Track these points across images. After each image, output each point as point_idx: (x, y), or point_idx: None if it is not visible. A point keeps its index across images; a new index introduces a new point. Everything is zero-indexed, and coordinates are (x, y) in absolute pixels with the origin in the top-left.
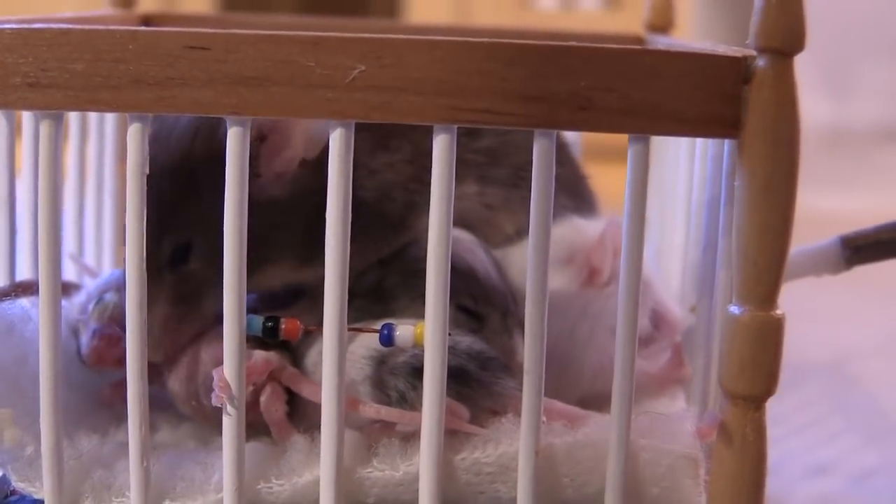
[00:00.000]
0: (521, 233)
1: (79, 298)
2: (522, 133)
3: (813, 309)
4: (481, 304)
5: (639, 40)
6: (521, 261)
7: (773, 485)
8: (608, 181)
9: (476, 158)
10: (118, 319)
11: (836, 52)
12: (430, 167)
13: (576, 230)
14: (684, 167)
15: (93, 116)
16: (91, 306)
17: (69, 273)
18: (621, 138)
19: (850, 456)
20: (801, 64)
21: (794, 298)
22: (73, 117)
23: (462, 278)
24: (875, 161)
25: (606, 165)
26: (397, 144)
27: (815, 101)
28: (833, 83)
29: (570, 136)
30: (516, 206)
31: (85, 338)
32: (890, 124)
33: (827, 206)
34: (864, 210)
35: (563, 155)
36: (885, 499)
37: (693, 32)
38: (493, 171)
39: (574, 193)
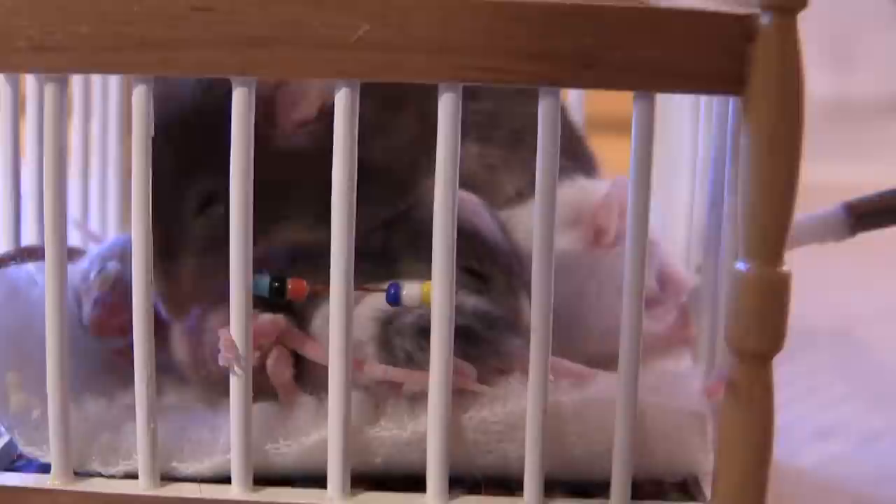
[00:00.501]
0: (522, 194)
1: (81, 265)
2: (520, 98)
3: (817, 276)
4: (487, 265)
5: (642, 2)
6: (526, 222)
7: (781, 448)
8: (611, 153)
9: (476, 119)
10: (121, 288)
11: (837, 24)
12: (434, 127)
13: (582, 191)
14: (688, 126)
15: (97, 87)
16: (93, 275)
17: (73, 240)
18: (623, 109)
19: (856, 419)
20: (802, 36)
21: (798, 265)
22: (76, 89)
23: (467, 240)
24: (877, 132)
25: (609, 137)
26: (401, 104)
27: (817, 74)
28: (834, 55)
29: (573, 102)
30: (516, 166)
31: (87, 306)
32: (892, 96)
33: (829, 176)
34: (866, 181)
35: (560, 116)
36: (890, 461)
37: None
38: (493, 133)
39: (573, 154)
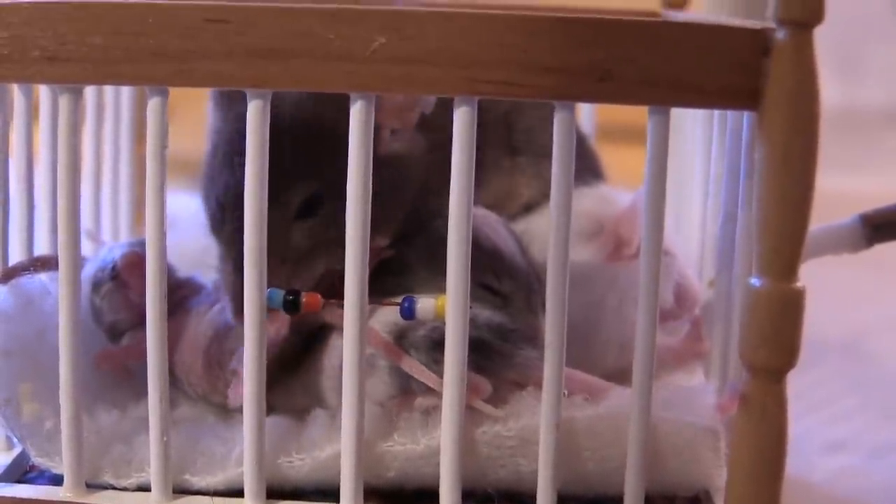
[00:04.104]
0: (534, 203)
1: (98, 257)
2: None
3: (828, 286)
4: (505, 282)
5: (655, 16)
6: (544, 234)
7: (792, 460)
8: (622, 162)
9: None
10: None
11: (842, 33)
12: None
13: (603, 201)
14: (701, 141)
15: (109, 96)
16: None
17: (85, 250)
18: (635, 117)
19: (867, 432)
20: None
21: (808, 276)
22: (89, 98)
23: (486, 256)
24: (885, 142)
25: (620, 146)
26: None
27: (824, 83)
28: (840, 64)
29: (585, 114)
30: (531, 172)
31: (118, 253)
32: None
33: (837, 187)
34: (873, 191)
35: None
36: None
37: (706, 11)
38: (509, 137)
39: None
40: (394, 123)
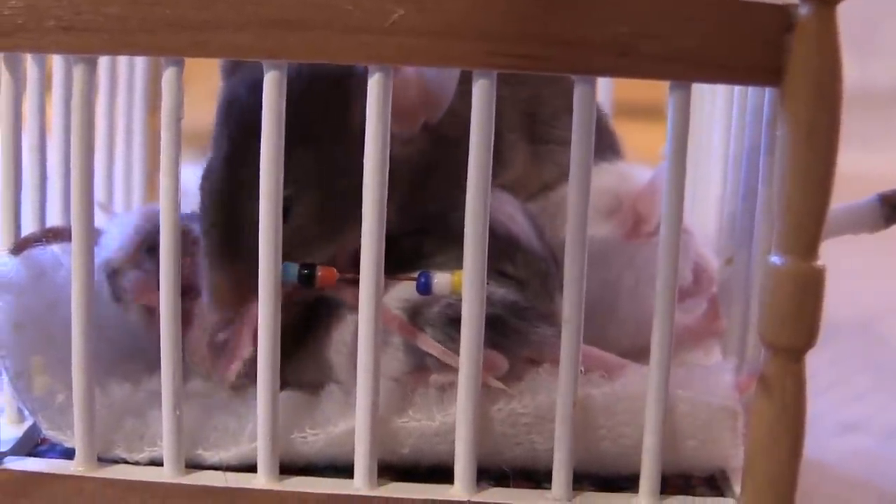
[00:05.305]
0: (550, 185)
1: (122, 230)
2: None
3: (841, 266)
4: (521, 268)
5: None
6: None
7: (806, 440)
8: (640, 140)
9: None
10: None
11: (858, 12)
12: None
13: (622, 177)
14: (720, 118)
15: (122, 67)
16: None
17: (98, 221)
18: (652, 94)
19: (881, 413)
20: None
21: (824, 256)
22: (102, 68)
23: (501, 243)
24: None
25: (639, 123)
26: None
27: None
28: (856, 43)
29: (603, 91)
30: (546, 155)
31: (130, 275)
32: None
33: (851, 166)
34: (887, 171)
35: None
36: None
37: None
38: (532, 120)
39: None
40: (394, 126)
